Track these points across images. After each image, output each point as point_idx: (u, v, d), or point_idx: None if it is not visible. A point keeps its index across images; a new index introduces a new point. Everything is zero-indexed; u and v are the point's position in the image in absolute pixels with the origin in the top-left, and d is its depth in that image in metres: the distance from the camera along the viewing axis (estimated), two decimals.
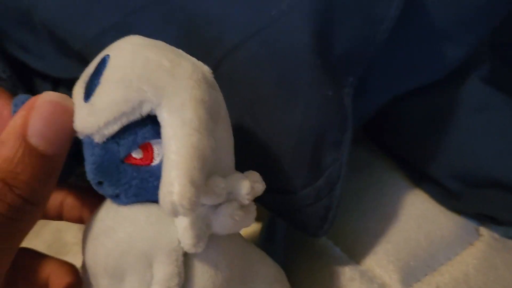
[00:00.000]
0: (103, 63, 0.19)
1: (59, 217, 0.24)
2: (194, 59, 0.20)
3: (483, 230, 0.31)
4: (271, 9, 0.23)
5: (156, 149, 0.19)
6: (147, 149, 0.19)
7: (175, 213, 0.16)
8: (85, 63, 0.21)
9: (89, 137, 0.18)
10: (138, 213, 0.19)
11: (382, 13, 0.24)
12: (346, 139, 0.25)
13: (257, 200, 0.29)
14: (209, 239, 0.19)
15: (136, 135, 0.18)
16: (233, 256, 0.21)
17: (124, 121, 0.18)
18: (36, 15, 0.29)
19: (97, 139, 0.18)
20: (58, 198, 0.24)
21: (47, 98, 0.18)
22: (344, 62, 0.25)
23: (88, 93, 0.18)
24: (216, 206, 0.19)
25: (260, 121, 0.25)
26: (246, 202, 0.20)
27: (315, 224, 0.27)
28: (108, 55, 0.19)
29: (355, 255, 0.30)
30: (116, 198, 0.19)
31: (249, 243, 0.23)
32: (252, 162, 0.26)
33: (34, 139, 0.17)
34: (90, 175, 0.19)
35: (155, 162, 0.19)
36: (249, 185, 0.20)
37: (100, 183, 0.19)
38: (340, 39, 0.24)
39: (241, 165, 0.27)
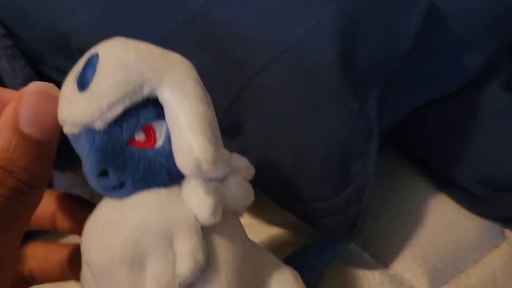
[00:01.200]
0: (92, 60, 0.19)
1: (53, 227, 0.25)
2: None
3: (508, 232, 0.31)
4: (298, 29, 0.24)
5: (157, 130, 0.19)
6: (149, 131, 0.19)
7: (199, 171, 0.17)
8: None
9: (88, 127, 0.18)
10: (147, 197, 0.19)
11: (404, 29, 0.25)
12: (372, 149, 0.26)
13: (286, 208, 0.30)
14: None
15: (139, 117, 0.18)
16: (244, 237, 0.21)
17: (127, 103, 0.18)
18: (73, 41, 0.30)
19: (98, 125, 0.18)
20: (50, 209, 0.25)
21: (34, 88, 0.19)
22: (368, 76, 0.26)
23: (83, 84, 0.18)
24: (222, 180, 0.19)
25: (290, 135, 0.26)
26: (247, 175, 0.21)
27: (345, 231, 0.28)
28: (96, 52, 0.19)
29: (384, 260, 0.31)
30: (119, 189, 0.19)
31: (255, 243, 0.23)
32: (281, 173, 0.27)
33: (26, 128, 0.19)
34: (94, 165, 0.18)
35: (158, 143, 0.19)
36: (247, 160, 0.21)
37: (103, 173, 0.18)
38: (364, 55, 0.25)
39: (272, 176, 0.28)
